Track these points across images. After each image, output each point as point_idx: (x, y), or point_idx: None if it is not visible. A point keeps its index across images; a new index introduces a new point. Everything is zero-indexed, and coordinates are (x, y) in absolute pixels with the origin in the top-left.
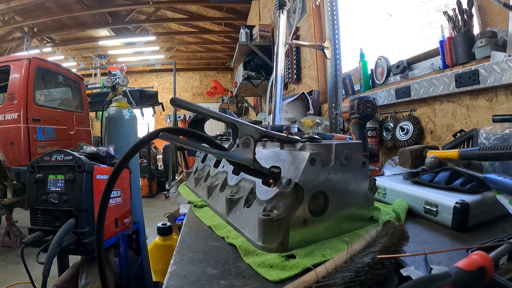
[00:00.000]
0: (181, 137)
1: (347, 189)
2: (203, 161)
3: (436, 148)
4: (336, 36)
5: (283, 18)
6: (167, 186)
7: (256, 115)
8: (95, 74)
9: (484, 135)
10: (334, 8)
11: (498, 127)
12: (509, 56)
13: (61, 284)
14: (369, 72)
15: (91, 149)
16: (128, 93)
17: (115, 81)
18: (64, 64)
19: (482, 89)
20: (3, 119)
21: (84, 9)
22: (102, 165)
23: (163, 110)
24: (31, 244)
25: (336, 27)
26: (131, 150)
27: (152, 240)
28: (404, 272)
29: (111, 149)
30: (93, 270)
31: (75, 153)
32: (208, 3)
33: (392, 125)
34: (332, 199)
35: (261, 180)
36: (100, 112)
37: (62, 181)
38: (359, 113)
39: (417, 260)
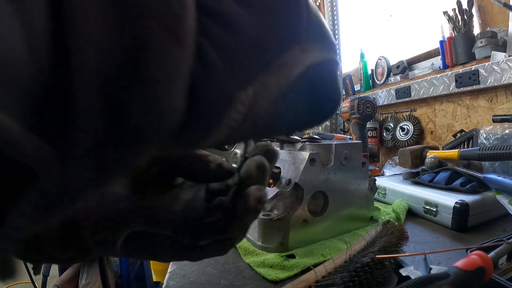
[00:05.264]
0: None
1: (347, 189)
2: None
3: (436, 148)
4: (336, 36)
5: None
6: None
7: None
8: None
9: (484, 135)
10: (334, 8)
11: (498, 127)
12: (509, 56)
13: (62, 284)
14: (369, 72)
15: None
16: None
17: None
18: None
19: (482, 89)
20: None
21: None
22: None
23: None
24: None
25: (336, 27)
26: None
27: None
28: (403, 272)
29: None
30: (93, 270)
31: None
32: None
33: (392, 125)
34: (331, 199)
35: None
36: None
37: None
38: (359, 113)
39: (417, 260)
